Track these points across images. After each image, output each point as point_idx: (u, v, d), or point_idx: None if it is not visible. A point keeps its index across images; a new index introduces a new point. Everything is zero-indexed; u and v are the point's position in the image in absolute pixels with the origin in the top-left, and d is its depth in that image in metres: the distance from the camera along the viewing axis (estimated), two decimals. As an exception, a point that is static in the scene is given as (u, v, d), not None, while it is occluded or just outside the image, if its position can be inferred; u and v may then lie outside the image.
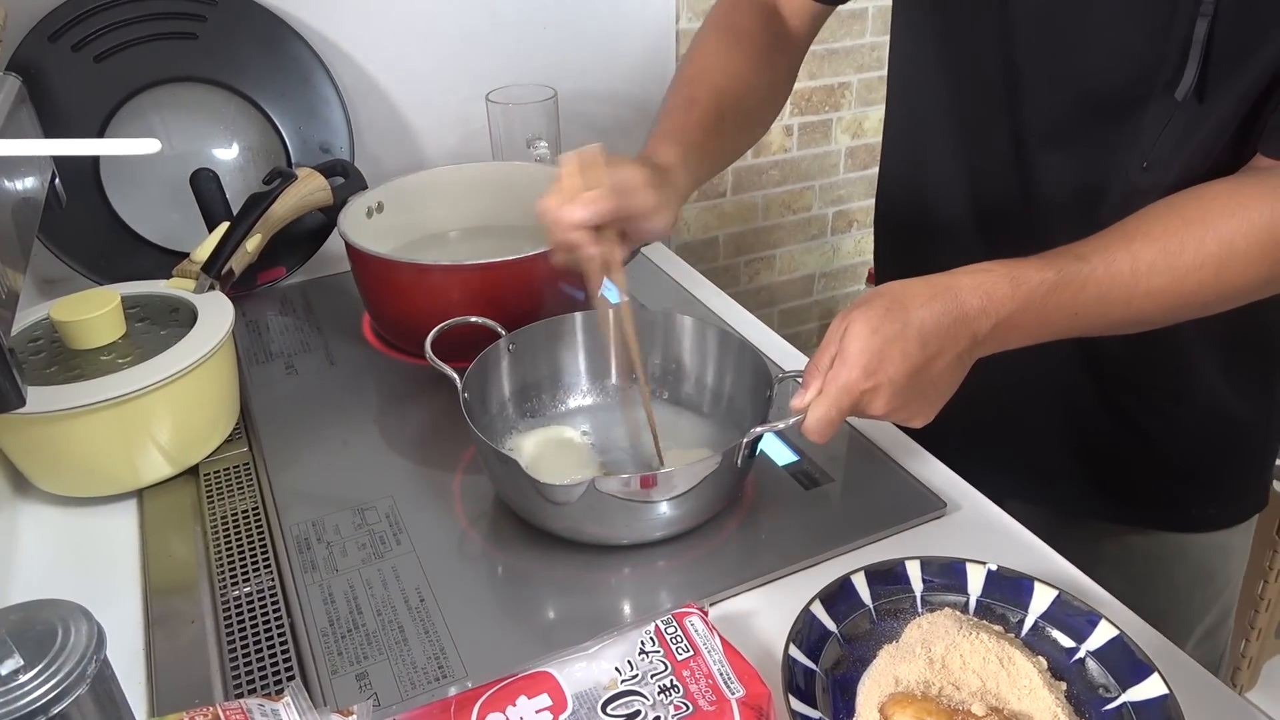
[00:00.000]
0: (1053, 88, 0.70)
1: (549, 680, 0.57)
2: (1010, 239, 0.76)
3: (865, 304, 0.61)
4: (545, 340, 0.79)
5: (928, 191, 0.83)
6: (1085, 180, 0.71)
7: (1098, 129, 0.69)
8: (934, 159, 0.81)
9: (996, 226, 0.78)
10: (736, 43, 0.83)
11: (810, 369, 0.63)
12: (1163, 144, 0.65)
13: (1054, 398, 0.82)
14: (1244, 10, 0.60)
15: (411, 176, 1.03)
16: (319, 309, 1.02)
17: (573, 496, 0.62)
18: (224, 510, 0.73)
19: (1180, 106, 0.63)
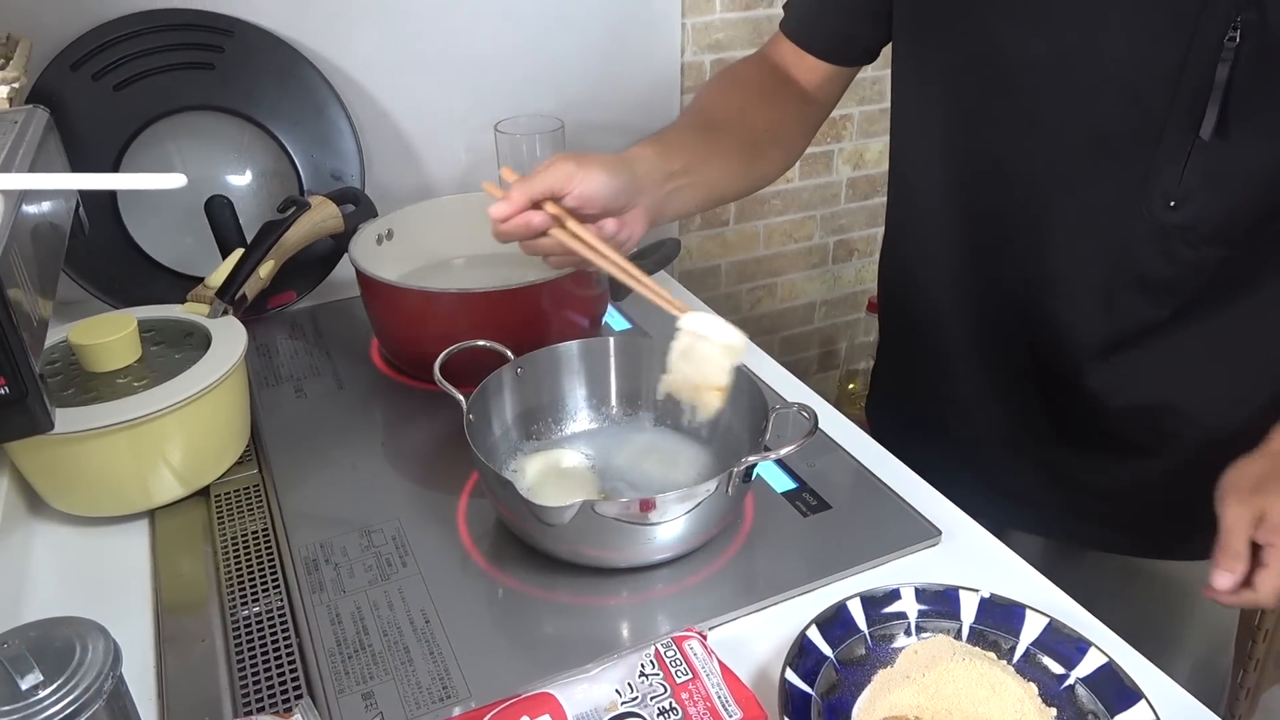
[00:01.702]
0: (1063, 132, 0.70)
1: (551, 701, 0.58)
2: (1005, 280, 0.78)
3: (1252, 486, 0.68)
4: (549, 365, 0.81)
5: (932, 236, 0.84)
6: (1099, 222, 0.71)
7: (1108, 171, 0.69)
8: (937, 206, 0.82)
9: (993, 267, 0.79)
10: (734, 84, 0.86)
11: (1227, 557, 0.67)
12: (1187, 182, 0.67)
13: (1056, 433, 0.83)
14: (1265, 56, 0.62)
15: (420, 205, 1.05)
16: (328, 333, 1.04)
17: (565, 518, 0.63)
18: (234, 531, 0.75)
19: (1206, 146, 0.65)
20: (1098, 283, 0.73)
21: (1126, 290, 0.73)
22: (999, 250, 0.78)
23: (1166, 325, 0.73)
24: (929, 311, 0.87)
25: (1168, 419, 0.77)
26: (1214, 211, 0.67)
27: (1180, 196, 0.67)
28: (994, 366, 0.83)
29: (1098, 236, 0.72)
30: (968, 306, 0.83)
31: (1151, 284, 0.72)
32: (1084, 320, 0.75)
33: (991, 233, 0.78)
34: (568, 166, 0.69)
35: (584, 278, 0.91)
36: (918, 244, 0.87)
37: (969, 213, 0.79)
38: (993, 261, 0.79)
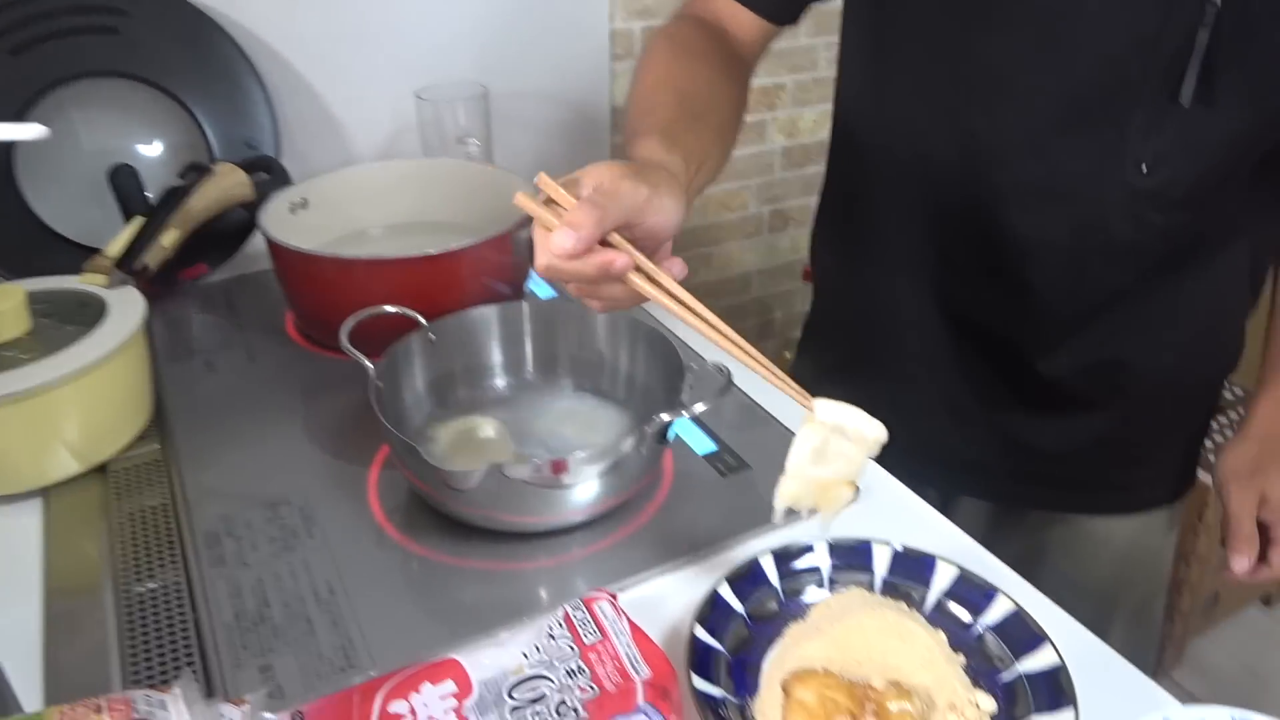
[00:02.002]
0: (1036, 97, 0.68)
1: (455, 667, 0.56)
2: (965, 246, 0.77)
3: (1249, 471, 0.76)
4: (462, 331, 0.79)
5: (885, 204, 0.81)
6: (1068, 188, 0.70)
7: (1081, 136, 0.68)
8: (893, 174, 0.79)
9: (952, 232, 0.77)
10: (691, 56, 0.77)
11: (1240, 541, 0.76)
12: (1162, 147, 0.66)
13: (1006, 397, 0.82)
14: (1246, 20, 0.61)
15: (336, 173, 1.02)
16: (242, 306, 1.01)
17: (473, 482, 0.62)
18: (132, 507, 0.72)
19: (1182, 111, 0.64)
20: (1064, 248, 0.72)
21: (1093, 255, 0.72)
22: (960, 218, 0.76)
23: (1129, 288, 0.73)
24: (877, 282, 0.84)
25: (1118, 374, 0.77)
26: (1186, 176, 0.67)
27: (1153, 162, 0.66)
28: (948, 335, 0.82)
29: (1066, 202, 0.70)
30: (922, 276, 0.81)
31: (1118, 249, 0.71)
32: (1048, 286, 0.74)
33: (952, 200, 0.75)
34: (640, 189, 0.54)
35: (502, 242, 0.89)
36: (866, 212, 0.84)
37: (930, 179, 0.76)
38: (952, 230, 0.77)
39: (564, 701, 0.54)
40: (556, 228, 0.51)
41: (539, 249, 0.53)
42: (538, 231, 0.53)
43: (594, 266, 0.52)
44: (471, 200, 1.02)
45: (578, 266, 0.52)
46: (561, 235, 0.50)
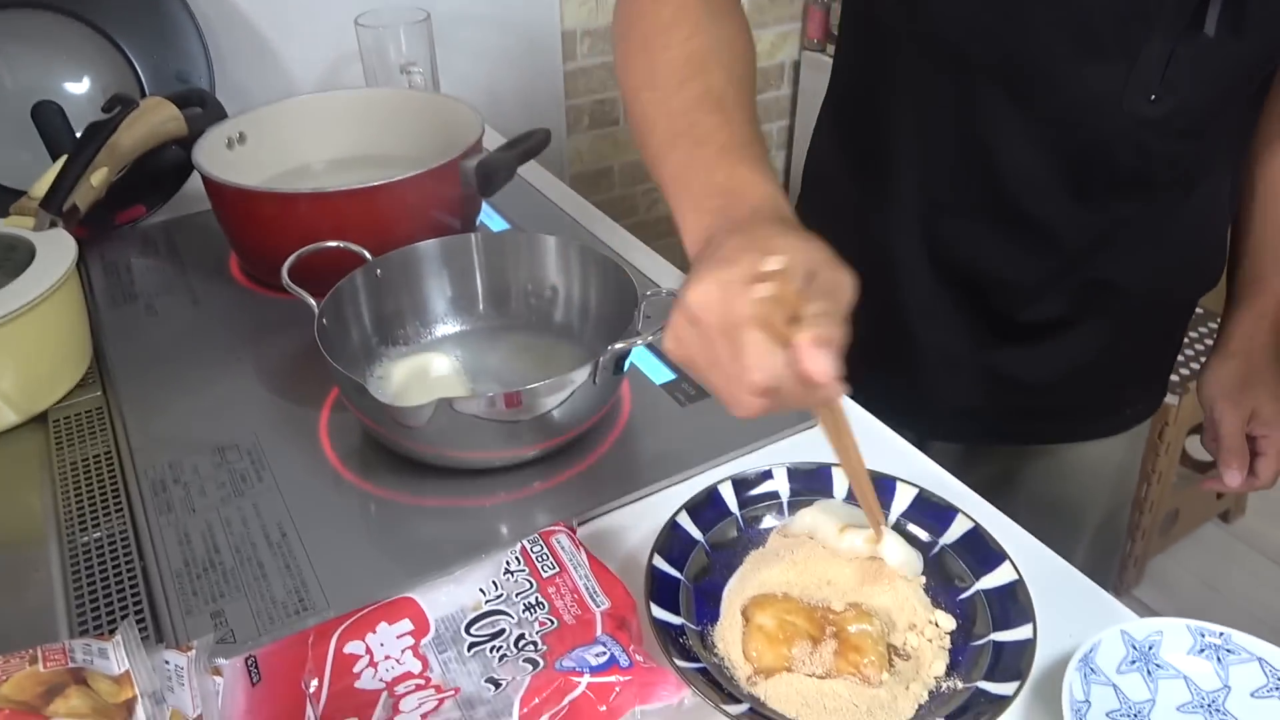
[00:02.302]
0: (1049, 26, 0.64)
1: (411, 606, 0.55)
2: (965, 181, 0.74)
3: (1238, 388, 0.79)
4: (409, 266, 0.76)
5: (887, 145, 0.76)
6: (1075, 117, 0.67)
7: (1092, 64, 0.64)
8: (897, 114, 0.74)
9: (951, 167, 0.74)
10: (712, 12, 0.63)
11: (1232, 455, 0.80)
12: (1174, 76, 0.63)
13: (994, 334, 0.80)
14: None
15: (275, 105, 0.98)
16: (183, 248, 0.97)
17: (423, 419, 0.60)
18: (74, 456, 0.70)
19: (1205, 41, 0.61)
20: (1065, 179, 0.70)
21: (1093, 185, 0.70)
22: (961, 152, 0.72)
23: (1128, 216, 0.72)
24: (869, 223, 0.80)
25: (1106, 298, 0.76)
26: (1194, 104, 0.65)
27: (1162, 91, 0.64)
28: (941, 276, 0.78)
29: (1072, 132, 0.68)
30: (918, 216, 0.77)
31: (1118, 178, 0.70)
32: (1047, 218, 0.72)
33: (954, 133, 0.72)
34: (849, 282, 0.47)
35: (449, 173, 0.86)
36: (861, 153, 0.80)
37: (933, 118, 0.72)
38: (951, 165, 0.73)
39: (523, 636, 0.53)
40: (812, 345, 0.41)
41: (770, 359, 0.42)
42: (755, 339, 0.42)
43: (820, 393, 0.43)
44: (418, 131, 0.99)
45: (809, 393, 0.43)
46: (824, 360, 0.41)
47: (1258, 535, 1.80)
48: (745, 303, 0.42)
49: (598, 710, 0.47)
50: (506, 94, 1.36)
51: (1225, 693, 0.51)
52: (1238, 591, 1.71)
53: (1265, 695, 0.50)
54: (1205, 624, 0.52)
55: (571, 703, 0.48)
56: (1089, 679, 0.49)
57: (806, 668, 0.51)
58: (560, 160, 1.50)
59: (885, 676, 0.50)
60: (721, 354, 0.44)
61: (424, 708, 0.49)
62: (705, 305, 0.44)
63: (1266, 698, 0.50)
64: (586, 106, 1.49)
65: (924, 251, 0.77)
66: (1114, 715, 0.50)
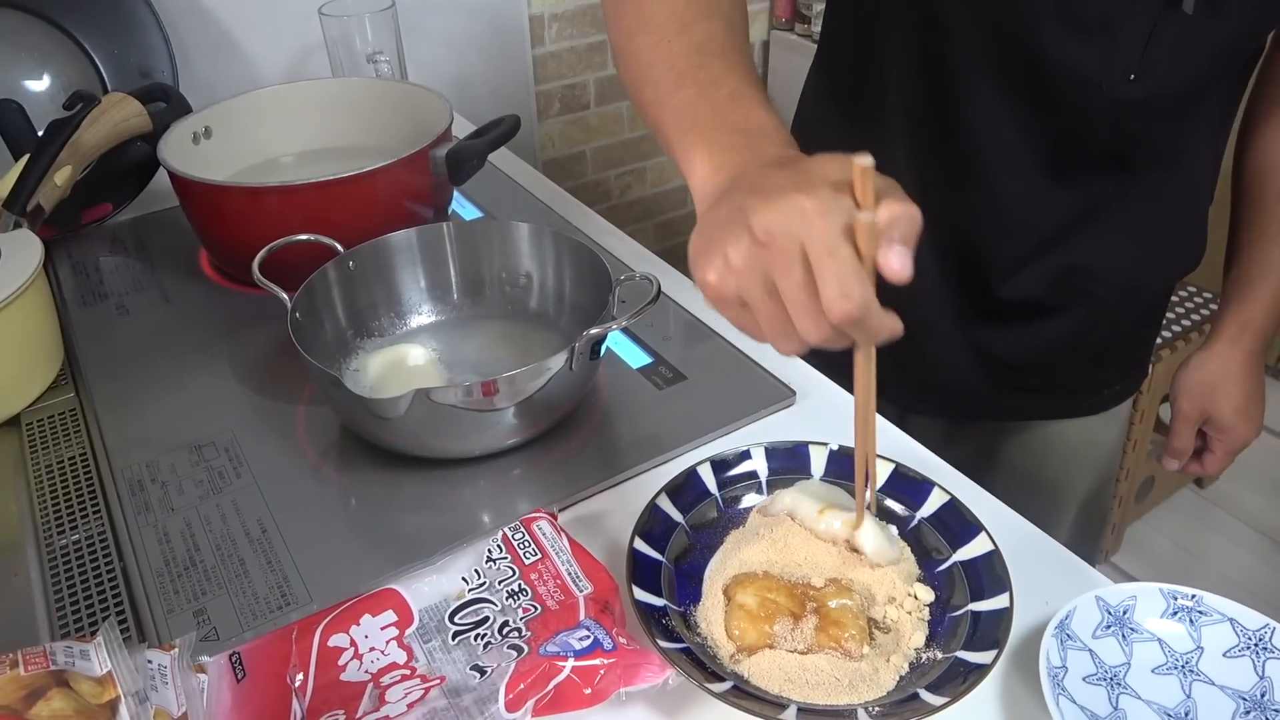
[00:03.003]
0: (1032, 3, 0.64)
1: (395, 597, 0.56)
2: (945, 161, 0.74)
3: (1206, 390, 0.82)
4: (381, 257, 0.76)
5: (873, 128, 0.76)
6: (1055, 97, 0.67)
7: (1072, 44, 0.64)
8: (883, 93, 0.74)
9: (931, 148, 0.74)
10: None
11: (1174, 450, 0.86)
12: (1154, 56, 0.63)
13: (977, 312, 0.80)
14: None
15: (240, 98, 0.97)
16: (152, 246, 0.96)
17: (400, 410, 0.60)
18: (49, 459, 0.69)
19: (1185, 19, 0.61)
20: (1045, 159, 0.70)
21: (1072, 166, 0.71)
22: (940, 133, 0.72)
23: (1106, 197, 0.72)
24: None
25: (1088, 279, 0.77)
26: (1173, 84, 0.65)
27: (1142, 70, 0.64)
28: (923, 253, 0.78)
29: (1052, 110, 0.68)
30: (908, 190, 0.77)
31: (1097, 159, 0.70)
32: (1026, 198, 0.73)
33: (941, 116, 0.72)
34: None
35: (419, 162, 0.85)
36: (842, 132, 0.80)
37: (915, 100, 0.73)
38: (937, 142, 0.73)
39: (507, 623, 0.54)
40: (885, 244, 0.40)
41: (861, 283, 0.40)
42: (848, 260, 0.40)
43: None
44: (386, 120, 0.98)
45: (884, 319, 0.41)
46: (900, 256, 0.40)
47: (1231, 500, 1.83)
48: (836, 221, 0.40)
49: (583, 693, 0.48)
50: (475, 81, 1.35)
51: (1198, 653, 0.52)
52: (1213, 555, 1.74)
53: (1237, 655, 0.51)
54: (1178, 587, 0.53)
55: (557, 687, 0.48)
56: (1065, 644, 0.50)
57: (789, 644, 0.51)
58: (532, 146, 1.49)
59: (866, 650, 0.51)
60: (793, 281, 0.40)
61: (410, 697, 0.50)
62: (782, 227, 0.40)
63: (1238, 657, 0.51)
64: (557, 92, 1.48)
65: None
66: (1090, 679, 0.51)
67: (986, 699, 0.51)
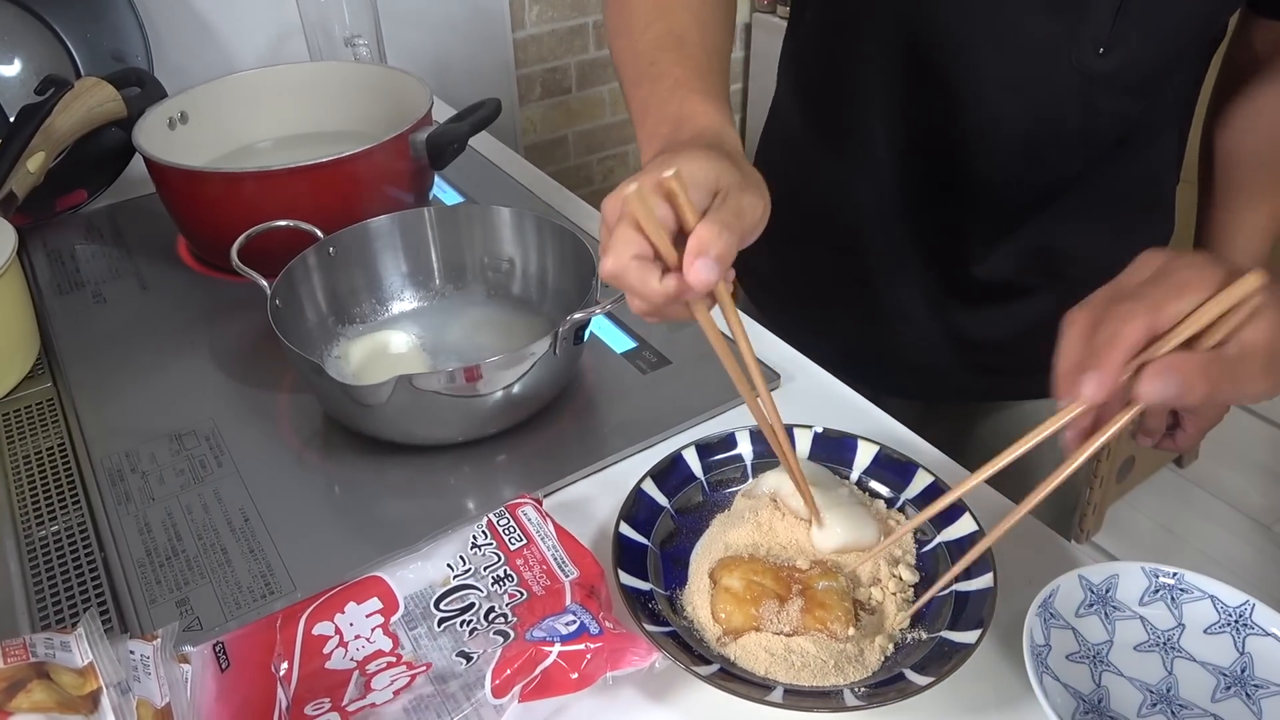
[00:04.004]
0: None
1: (379, 584, 0.55)
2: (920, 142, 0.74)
3: None
4: (362, 243, 0.75)
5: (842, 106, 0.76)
6: (1025, 73, 0.67)
7: (1040, 18, 0.64)
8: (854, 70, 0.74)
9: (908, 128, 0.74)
10: None
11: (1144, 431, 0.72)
12: (1122, 28, 0.63)
13: (950, 293, 0.80)
14: None
15: (216, 83, 0.96)
16: (129, 233, 0.95)
17: (383, 397, 0.59)
18: (26, 450, 0.68)
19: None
20: (1017, 138, 0.70)
21: (1045, 145, 0.71)
22: (916, 113, 0.73)
23: (1078, 176, 0.73)
24: (829, 182, 0.80)
25: (1060, 259, 0.77)
26: (1141, 59, 0.66)
27: (1110, 44, 0.64)
28: (897, 235, 0.79)
29: (1022, 88, 0.68)
30: (876, 176, 0.77)
31: (1069, 137, 0.70)
32: (1000, 175, 0.73)
33: (911, 94, 0.72)
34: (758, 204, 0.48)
35: (398, 146, 0.84)
36: (819, 112, 0.80)
37: (886, 75, 0.72)
38: (911, 124, 0.73)
39: (493, 608, 0.54)
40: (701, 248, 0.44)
41: (620, 252, 0.45)
42: (622, 231, 0.45)
43: (667, 296, 0.45)
44: (365, 105, 0.97)
45: (660, 291, 0.45)
46: (705, 269, 0.44)
47: (1210, 479, 1.85)
48: (621, 200, 0.45)
49: (570, 678, 0.48)
50: (455, 65, 1.34)
51: (1180, 630, 0.52)
52: (1193, 534, 1.76)
53: (1217, 631, 0.51)
54: (1159, 565, 0.53)
55: (544, 672, 0.48)
56: (1049, 623, 0.51)
57: (774, 626, 0.51)
58: (513, 131, 1.48)
59: (851, 631, 0.51)
60: None
61: (396, 684, 0.49)
62: (606, 207, 0.47)
63: (1219, 633, 0.51)
64: (538, 75, 1.47)
65: (886, 207, 0.78)
66: (1074, 657, 0.51)
67: (971, 678, 0.51)
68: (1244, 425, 1.94)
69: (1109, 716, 0.49)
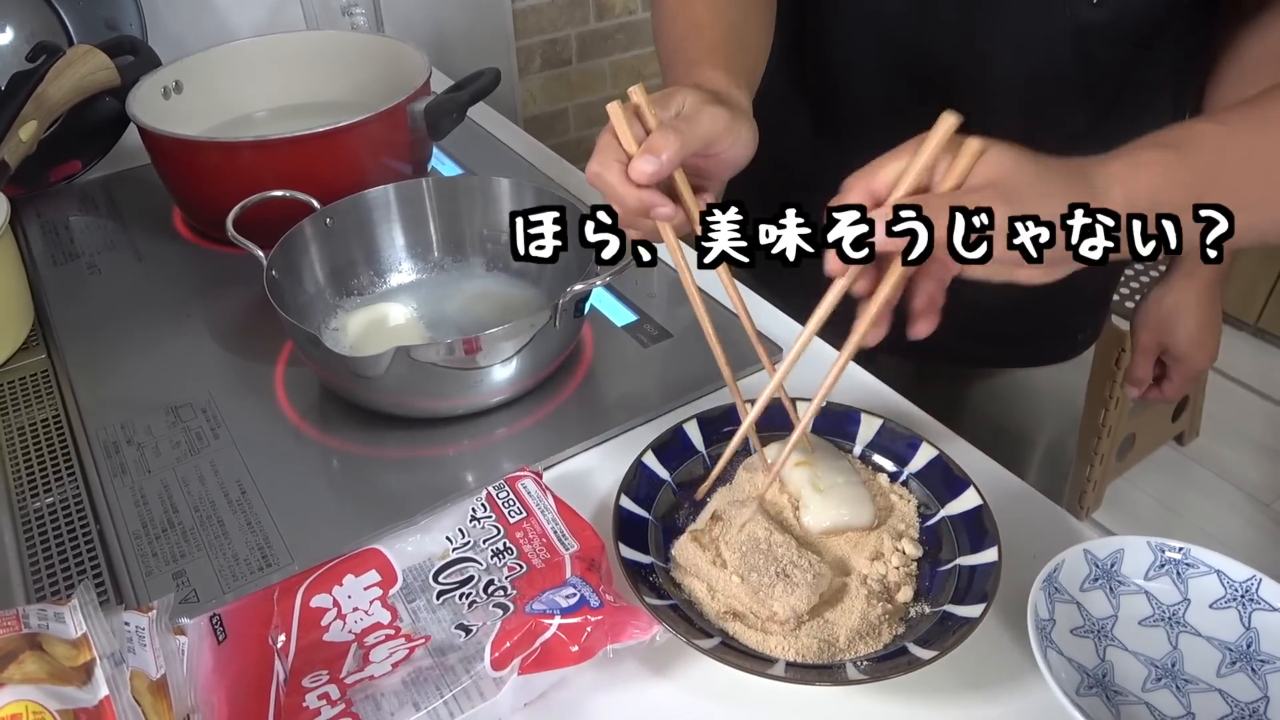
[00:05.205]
0: None
1: (378, 557, 0.55)
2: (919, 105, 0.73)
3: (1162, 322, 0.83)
4: (360, 214, 0.74)
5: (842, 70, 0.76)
6: (1023, 28, 0.68)
7: None
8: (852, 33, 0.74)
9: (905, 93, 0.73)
10: None
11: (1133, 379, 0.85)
12: None
13: None
14: None
15: (211, 51, 0.94)
16: (124, 204, 0.94)
17: (381, 368, 0.59)
18: (20, 421, 0.68)
19: None
20: (1017, 95, 0.71)
21: (1045, 101, 0.71)
22: (914, 77, 0.73)
23: (1079, 134, 0.72)
24: (825, 153, 0.81)
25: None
26: (1136, 7, 0.66)
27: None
28: None
29: (1021, 43, 0.69)
30: (877, 139, 0.77)
31: (1068, 90, 0.70)
32: (999, 133, 0.72)
33: (912, 57, 0.72)
34: (720, 116, 0.53)
35: (396, 116, 0.83)
36: (814, 84, 0.80)
37: (881, 30, 0.72)
38: (912, 88, 0.73)
39: (492, 581, 0.53)
40: (645, 145, 0.50)
41: (603, 156, 0.51)
42: (606, 138, 0.51)
43: (645, 201, 0.51)
44: (362, 75, 0.96)
45: (630, 193, 0.51)
46: (644, 161, 0.50)
47: (1211, 456, 1.85)
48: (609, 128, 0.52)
49: (570, 651, 0.47)
50: (453, 35, 1.32)
51: (1185, 605, 0.52)
52: (1194, 512, 1.75)
53: (1223, 606, 0.51)
54: (1165, 540, 0.52)
55: (544, 645, 0.47)
56: (1053, 598, 0.50)
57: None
58: (513, 104, 1.46)
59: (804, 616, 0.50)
60: None
61: (395, 657, 0.49)
62: None
63: (1225, 608, 0.51)
64: (538, 47, 1.45)
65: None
66: (1078, 632, 0.50)
67: (975, 652, 0.51)
68: (1247, 404, 1.93)
69: (1113, 690, 0.49)
